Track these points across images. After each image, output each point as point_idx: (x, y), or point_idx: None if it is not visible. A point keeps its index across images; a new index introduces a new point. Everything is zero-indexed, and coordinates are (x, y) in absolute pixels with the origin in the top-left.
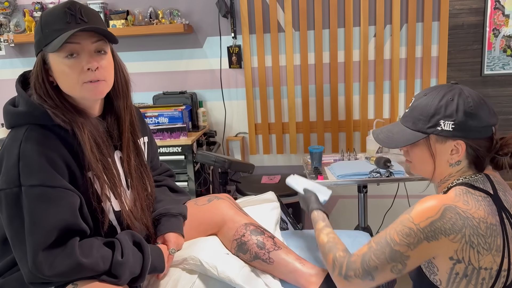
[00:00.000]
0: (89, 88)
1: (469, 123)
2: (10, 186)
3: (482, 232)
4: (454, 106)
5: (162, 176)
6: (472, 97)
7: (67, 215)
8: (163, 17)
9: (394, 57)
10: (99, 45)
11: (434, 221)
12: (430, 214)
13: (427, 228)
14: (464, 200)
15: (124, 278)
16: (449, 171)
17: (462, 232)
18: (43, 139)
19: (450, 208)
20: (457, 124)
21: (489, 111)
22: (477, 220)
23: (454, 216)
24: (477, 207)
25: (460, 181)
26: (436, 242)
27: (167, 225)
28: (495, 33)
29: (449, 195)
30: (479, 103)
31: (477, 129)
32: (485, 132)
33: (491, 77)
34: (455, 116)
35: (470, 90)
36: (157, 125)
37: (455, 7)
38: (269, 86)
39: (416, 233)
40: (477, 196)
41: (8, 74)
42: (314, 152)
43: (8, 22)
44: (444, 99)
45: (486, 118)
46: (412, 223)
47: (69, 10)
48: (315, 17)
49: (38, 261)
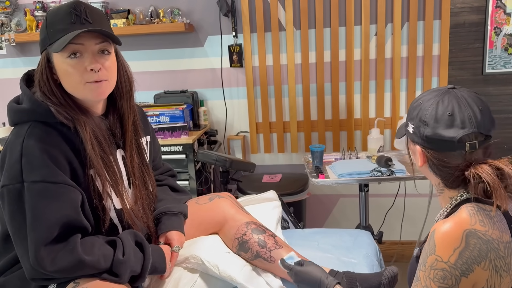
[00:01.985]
0: (91, 88)
1: (422, 130)
2: (12, 182)
3: (502, 253)
4: (417, 110)
5: (163, 176)
6: (439, 106)
7: (68, 211)
8: (164, 16)
9: (395, 56)
10: (102, 46)
11: (462, 251)
12: (455, 244)
13: (458, 262)
14: (480, 220)
15: (125, 277)
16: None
17: (488, 257)
18: (45, 136)
19: (471, 234)
20: (415, 128)
21: (452, 123)
22: (497, 242)
23: (477, 241)
24: (493, 226)
25: (465, 197)
26: (472, 275)
27: (168, 223)
28: (496, 32)
29: (463, 217)
30: (441, 114)
31: (431, 139)
32: (442, 146)
33: (492, 75)
34: (414, 120)
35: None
36: (158, 124)
37: (456, 6)
38: (270, 85)
39: (450, 272)
40: (488, 212)
41: (10, 73)
42: (315, 151)
43: (9, 21)
44: (417, 102)
45: (441, 130)
46: (442, 262)
47: (74, 10)
48: (316, 15)
49: (40, 256)
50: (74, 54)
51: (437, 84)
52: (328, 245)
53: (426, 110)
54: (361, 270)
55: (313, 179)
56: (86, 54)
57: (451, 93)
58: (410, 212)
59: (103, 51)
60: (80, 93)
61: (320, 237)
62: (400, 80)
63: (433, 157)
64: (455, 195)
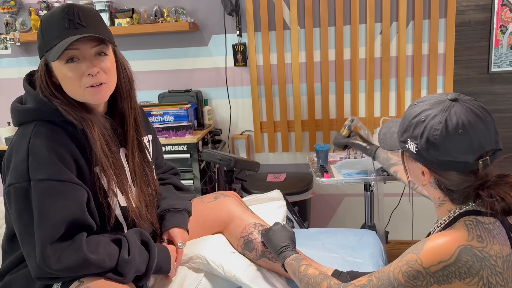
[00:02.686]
0: (91, 93)
1: (430, 153)
2: (19, 180)
3: (500, 269)
4: (421, 129)
5: (167, 174)
6: (448, 124)
7: (74, 209)
8: (168, 15)
9: (401, 55)
10: (99, 49)
11: (448, 265)
12: (442, 257)
13: (438, 273)
14: (477, 236)
15: (129, 277)
16: (435, 193)
17: (480, 274)
18: (51, 135)
19: (465, 250)
20: (419, 149)
21: (468, 145)
22: (494, 258)
23: (470, 258)
24: (492, 241)
25: (464, 209)
26: (448, 286)
27: (171, 220)
28: (502, 30)
29: (461, 232)
30: (452, 133)
31: (441, 161)
32: (453, 167)
33: (498, 74)
34: (418, 140)
35: (459, 112)
36: (163, 123)
37: (462, 4)
38: (274, 84)
39: (425, 276)
40: (487, 225)
41: (15, 73)
42: (320, 150)
43: (14, 21)
44: (417, 118)
45: (453, 152)
46: (421, 266)
47: (67, 15)
48: (320, 14)
49: (46, 255)
50: (71, 59)
51: (442, 83)
52: (333, 245)
53: (434, 130)
54: (367, 269)
55: (317, 179)
56: (83, 59)
57: (457, 106)
58: (416, 212)
59: (100, 53)
60: (81, 98)
61: (325, 236)
62: (406, 79)
63: (441, 176)
64: (455, 208)
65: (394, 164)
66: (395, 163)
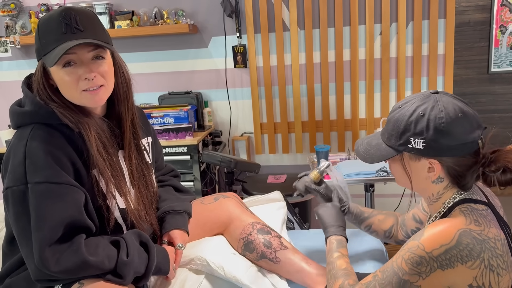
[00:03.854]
0: (88, 97)
1: (441, 142)
2: (16, 183)
3: (500, 252)
4: (424, 122)
5: (167, 176)
6: (447, 111)
7: (72, 211)
8: (168, 17)
9: (400, 55)
10: (96, 53)
11: (449, 248)
12: (444, 241)
13: (441, 257)
14: (474, 220)
15: (129, 278)
16: (435, 189)
17: (481, 257)
18: (48, 138)
19: (465, 233)
20: (428, 142)
21: (470, 125)
22: (493, 241)
23: (471, 241)
24: (488, 225)
25: (458, 199)
26: (451, 270)
27: (171, 222)
28: (502, 30)
29: (459, 218)
30: (455, 117)
31: (452, 147)
32: (463, 150)
33: (498, 74)
34: (425, 134)
35: (448, 101)
36: (163, 125)
37: (461, 4)
38: (274, 85)
39: (428, 261)
40: (481, 211)
41: (15, 75)
42: (320, 151)
43: (14, 24)
44: (415, 114)
45: (462, 135)
46: (423, 251)
47: (64, 19)
48: (320, 15)
49: (45, 257)
50: (68, 63)
51: (442, 83)
52: None
53: (439, 119)
54: (367, 270)
55: None
56: (80, 62)
57: (443, 96)
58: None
59: (97, 57)
60: (78, 101)
61: None
62: (405, 79)
63: (453, 164)
64: (449, 197)
65: (367, 217)
66: (368, 216)
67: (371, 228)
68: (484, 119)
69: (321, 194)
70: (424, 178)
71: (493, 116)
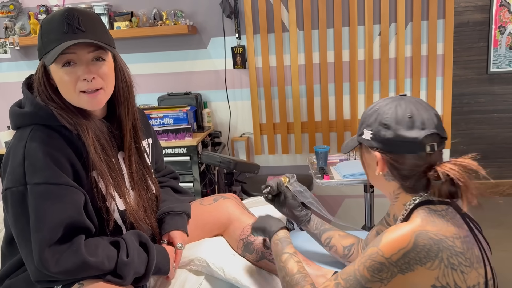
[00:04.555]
0: (86, 99)
1: (382, 134)
2: (15, 184)
3: (459, 249)
4: (375, 115)
5: (166, 178)
6: (398, 109)
7: (72, 212)
8: (167, 18)
9: (399, 56)
10: (96, 54)
11: (407, 252)
12: (401, 245)
13: (400, 261)
14: (431, 221)
15: (129, 279)
16: (391, 187)
17: (439, 256)
18: (48, 139)
19: (421, 235)
20: (373, 133)
21: (412, 124)
22: (451, 239)
23: (427, 242)
24: (446, 224)
25: (418, 201)
26: (412, 273)
27: (171, 223)
28: (501, 31)
29: (415, 220)
30: (401, 116)
31: (391, 141)
32: (401, 147)
33: (497, 74)
34: (372, 126)
35: (407, 104)
36: (162, 126)
37: (460, 5)
38: (273, 86)
39: (388, 267)
40: (440, 212)
41: (14, 76)
42: (319, 152)
43: (13, 25)
44: (372, 109)
45: (399, 131)
46: (383, 257)
47: (67, 19)
48: (319, 16)
49: (44, 258)
50: (68, 63)
51: (441, 83)
52: None
53: (385, 113)
54: None
55: (317, 180)
56: (79, 63)
57: (406, 99)
58: None
59: (98, 59)
60: (75, 102)
61: None
62: (405, 80)
63: (393, 160)
64: (408, 200)
65: (328, 229)
66: (329, 228)
67: (330, 242)
68: (483, 119)
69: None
70: (373, 172)
71: (492, 117)
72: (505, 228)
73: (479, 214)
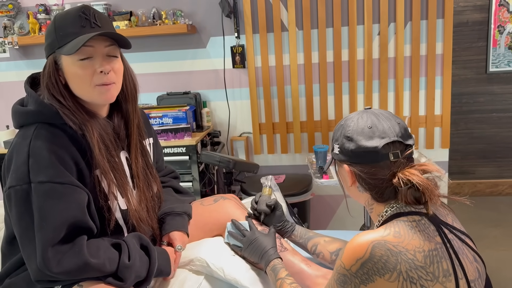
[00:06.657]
0: (100, 92)
1: (346, 146)
2: (19, 183)
3: (420, 263)
4: (340, 130)
5: (166, 178)
6: (360, 121)
7: (75, 211)
8: (166, 17)
9: (399, 55)
10: (111, 50)
11: (364, 262)
12: (358, 255)
13: (359, 272)
14: (395, 232)
15: (130, 282)
16: (364, 198)
17: (398, 269)
18: (52, 137)
19: (379, 245)
20: (339, 147)
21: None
22: (412, 252)
23: (385, 253)
24: (411, 236)
25: (389, 212)
26: (372, 285)
27: (172, 223)
28: (500, 30)
29: (379, 230)
30: (362, 127)
31: (355, 153)
32: (365, 157)
33: (496, 74)
34: (339, 139)
35: (369, 115)
36: (161, 125)
37: (459, 4)
38: (273, 85)
39: (350, 278)
40: (410, 222)
41: (13, 76)
42: (319, 152)
43: (12, 25)
44: (339, 124)
45: (361, 141)
46: (344, 269)
47: (84, 14)
48: (318, 15)
49: (47, 257)
50: (85, 57)
51: (440, 83)
52: None
53: (348, 126)
54: None
55: (317, 180)
56: (96, 56)
57: (370, 111)
58: None
59: (111, 55)
60: (89, 96)
61: None
62: (404, 79)
63: (360, 171)
64: (382, 211)
65: (312, 236)
66: (314, 236)
67: (317, 249)
68: (482, 119)
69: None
70: (349, 185)
71: (491, 116)
72: (505, 227)
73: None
